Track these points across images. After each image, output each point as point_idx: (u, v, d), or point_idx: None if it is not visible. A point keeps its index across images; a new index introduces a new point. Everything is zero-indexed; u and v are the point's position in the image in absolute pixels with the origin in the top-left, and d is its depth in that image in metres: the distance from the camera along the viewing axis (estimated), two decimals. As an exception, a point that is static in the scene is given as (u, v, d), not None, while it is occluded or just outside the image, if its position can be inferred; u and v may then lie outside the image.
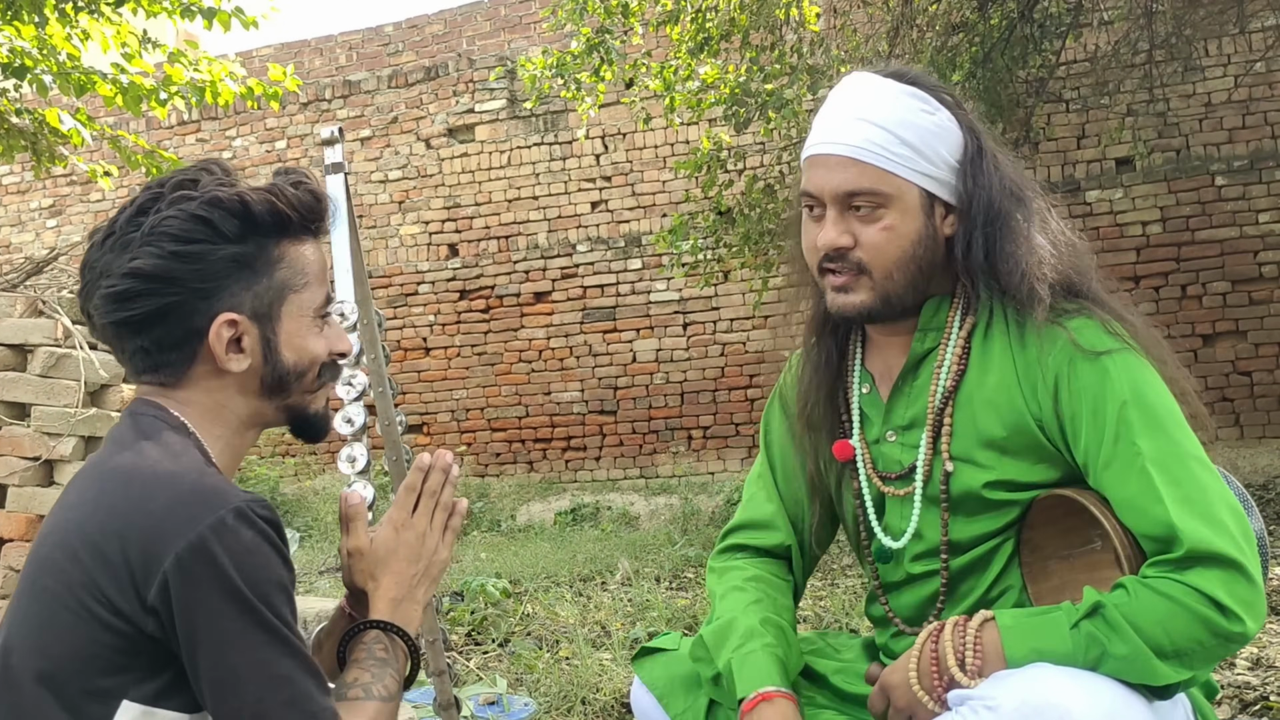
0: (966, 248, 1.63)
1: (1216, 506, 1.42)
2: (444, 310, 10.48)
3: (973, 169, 1.63)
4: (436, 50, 10.92)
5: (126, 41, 6.17)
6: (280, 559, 1.28)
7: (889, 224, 1.60)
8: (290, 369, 1.43)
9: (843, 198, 1.61)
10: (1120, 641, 1.36)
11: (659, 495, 9.35)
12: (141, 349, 1.39)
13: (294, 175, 1.44)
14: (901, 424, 1.69)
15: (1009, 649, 1.41)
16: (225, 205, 1.35)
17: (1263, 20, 8.06)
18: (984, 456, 1.59)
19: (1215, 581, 1.36)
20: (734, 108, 7.24)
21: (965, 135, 1.65)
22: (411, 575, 1.48)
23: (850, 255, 1.61)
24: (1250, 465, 7.94)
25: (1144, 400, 1.50)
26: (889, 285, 1.62)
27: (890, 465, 1.70)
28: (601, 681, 3.14)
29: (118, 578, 1.23)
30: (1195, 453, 1.47)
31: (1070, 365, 1.54)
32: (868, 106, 1.64)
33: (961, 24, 7.65)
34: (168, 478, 1.28)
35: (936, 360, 1.65)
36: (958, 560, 1.64)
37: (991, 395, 1.59)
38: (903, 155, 1.60)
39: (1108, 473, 1.49)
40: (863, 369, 1.77)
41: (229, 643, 1.22)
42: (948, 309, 1.67)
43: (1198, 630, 1.36)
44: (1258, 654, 3.40)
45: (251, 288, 1.38)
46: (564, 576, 5.96)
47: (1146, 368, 1.54)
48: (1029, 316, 1.59)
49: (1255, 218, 8.41)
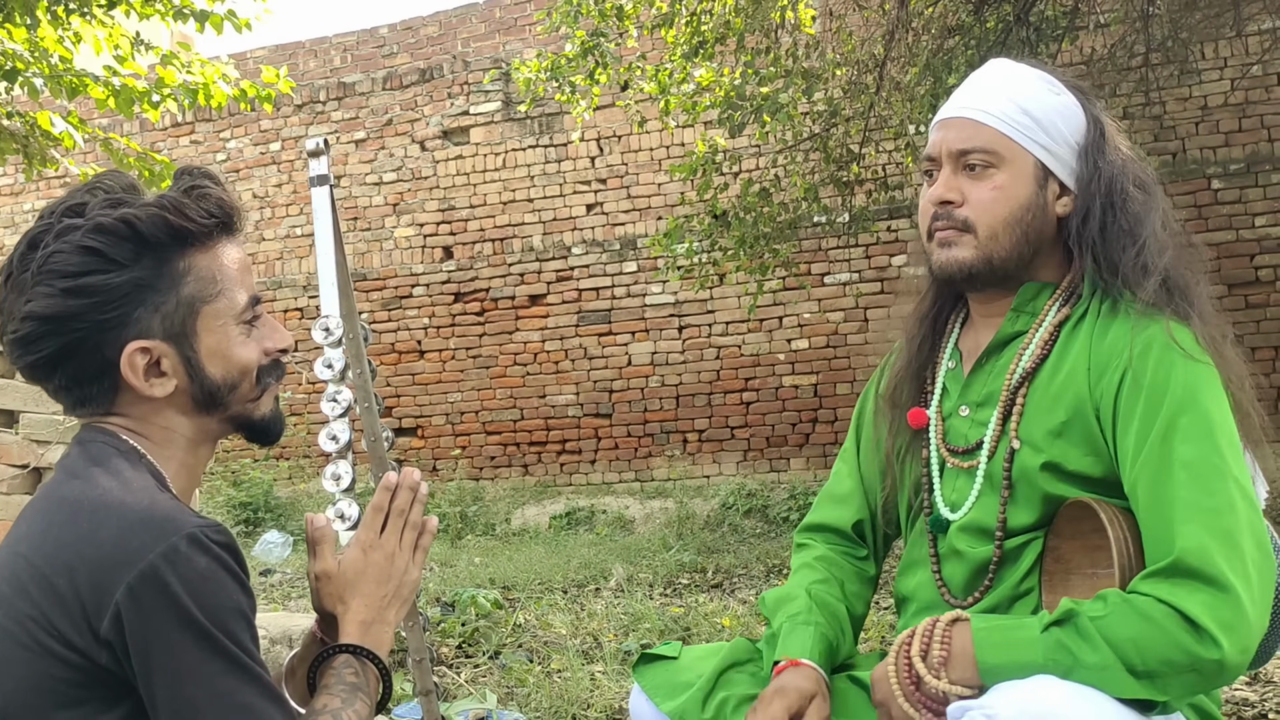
0: (1083, 220, 1.64)
1: (1237, 529, 1.39)
2: (438, 313, 10.45)
3: (1094, 151, 1.65)
4: (431, 52, 10.89)
5: (119, 44, 6.14)
6: (238, 585, 1.24)
7: (998, 184, 1.63)
8: (219, 383, 1.38)
9: (956, 155, 1.65)
10: (1091, 651, 1.35)
11: (654, 499, 9.33)
12: (62, 387, 1.35)
13: (190, 180, 1.37)
14: (976, 400, 1.70)
15: (979, 651, 1.41)
16: (111, 230, 1.29)
17: (1259, 23, 8.05)
18: (1045, 441, 1.58)
19: (1198, 602, 1.34)
20: (729, 111, 7.21)
21: (1089, 120, 1.67)
22: (381, 597, 1.44)
23: (956, 212, 1.64)
24: (1247, 470, 7.92)
25: (1201, 409, 1.47)
26: (993, 246, 1.63)
27: (957, 439, 1.71)
28: (593, 697, 3.11)
29: (69, 611, 1.19)
30: (1238, 475, 1.43)
31: (1144, 360, 1.52)
32: (996, 80, 1.69)
33: (957, 27, 7.63)
34: (117, 506, 1.24)
35: (1023, 343, 1.65)
36: (1009, 542, 1.62)
37: (1062, 383, 1.59)
38: (1022, 123, 1.63)
39: (1142, 471, 1.47)
40: (954, 347, 1.79)
41: (186, 673, 1.18)
42: (1048, 296, 1.67)
43: (1170, 651, 1.33)
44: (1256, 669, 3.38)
45: (159, 309, 1.32)
46: (558, 582, 5.94)
47: (1218, 385, 1.51)
48: (1127, 302, 1.58)
49: (1251, 221, 8.40)
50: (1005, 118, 1.63)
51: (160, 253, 1.32)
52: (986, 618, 1.46)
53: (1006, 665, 1.39)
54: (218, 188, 1.39)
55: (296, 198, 10.96)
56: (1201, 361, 1.51)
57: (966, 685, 1.41)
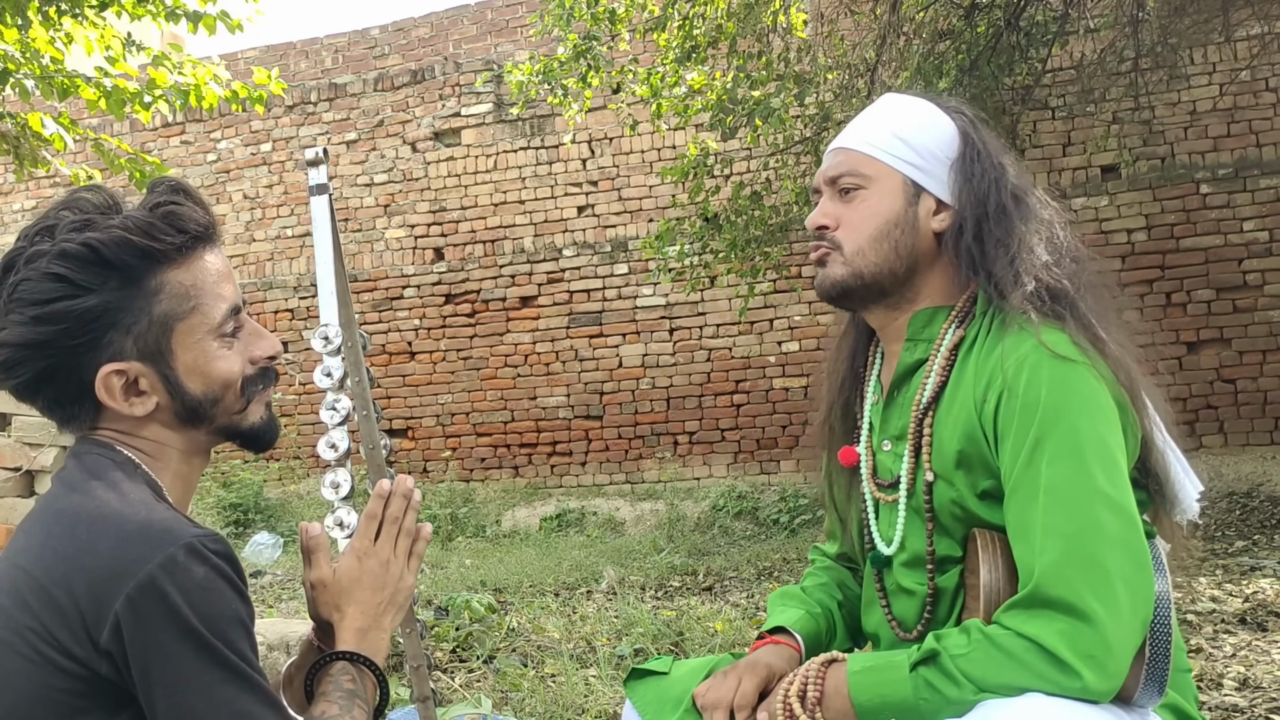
0: (957, 232, 1.65)
1: (1101, 549, 1.37)
2: (429, 314, 10.45)
3: (967, 164, 1.67)
4: (423, 54, 10.89)
5: (110, 45, 6.13)
6: (236, 594, 1.25)
7: (865, 202, 1.68)
8: (201, 398, 1.38)
9: (830, 182, 1.73)
10: (955, 689, 1.37)
11: (644, 501, 9.34)
12: (45, 407, 1.36)
13: (158, 197, 1.36)
14: (894, 433, 1.70)
15: (854, 692, 1.44)
16: (75, 256, 1.28)
17: (1248, 29, 8.09)
18: (950, 473, 1.59)
19: (1056, 634, 1.33)
20: (721, 114, 7.22)
21: (962, 136, 1.69)
22: (377, 604, 1.46)
23: (828, 234, 1.71)
24: (1234, 473, 7.97)
25: (1069, 426, 1.45)
26: (859, 260, 1.67)
27: (884, 473, 1.72)
28: (587, 702, 3.12)
29: (68, 622, 1.20)
30: (1107, 490, 1.41)
31: (1017, 379, 1.50)
32: (876, 110, 1.76)
33: (948, 32, 7.66)
34: (115, 517, 1.25)
35: (925, 371, 1.66)
36: (941, 576, 1.63)
37: (957, 410, 1.59)
38: (889, 145, 1.68)
39: (1012, 498, 1.47)
40: (877, 380, 1.80)
41: (185, 682, 1.19)
42: (942, 320, 1.68)
43: (1033, 684, 1.33)
44: (1245, 674, 3.40)
45: (130, 330, 1.32)
46: (549, 585, 5.95)
47: (1096, 392, 1.48)
48: (1011, 314, 1.58)
49: (1240, 226, 8.44)
50: (874, 143, 1.69)
51: (128, 274, 1.31)
52: (863, 657, 1.48)
53: (880, 705, 1.42)
54: (188, 203, 1.37)
55: (287, 199, 10.95)
56: (1075, 363, 1.49)
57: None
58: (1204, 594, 4.72)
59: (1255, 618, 4.20)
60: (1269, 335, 8.34)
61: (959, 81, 7.48)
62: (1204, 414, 8.43)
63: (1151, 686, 1.42)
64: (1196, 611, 4.35)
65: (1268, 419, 8.31)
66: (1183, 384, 8.49)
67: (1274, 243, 8.36)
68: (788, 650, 1.69)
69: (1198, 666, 3.47)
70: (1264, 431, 8.31)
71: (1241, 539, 6.50)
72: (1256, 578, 5.10)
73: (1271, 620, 4.16)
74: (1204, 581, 5.04)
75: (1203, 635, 3.97)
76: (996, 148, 1.72)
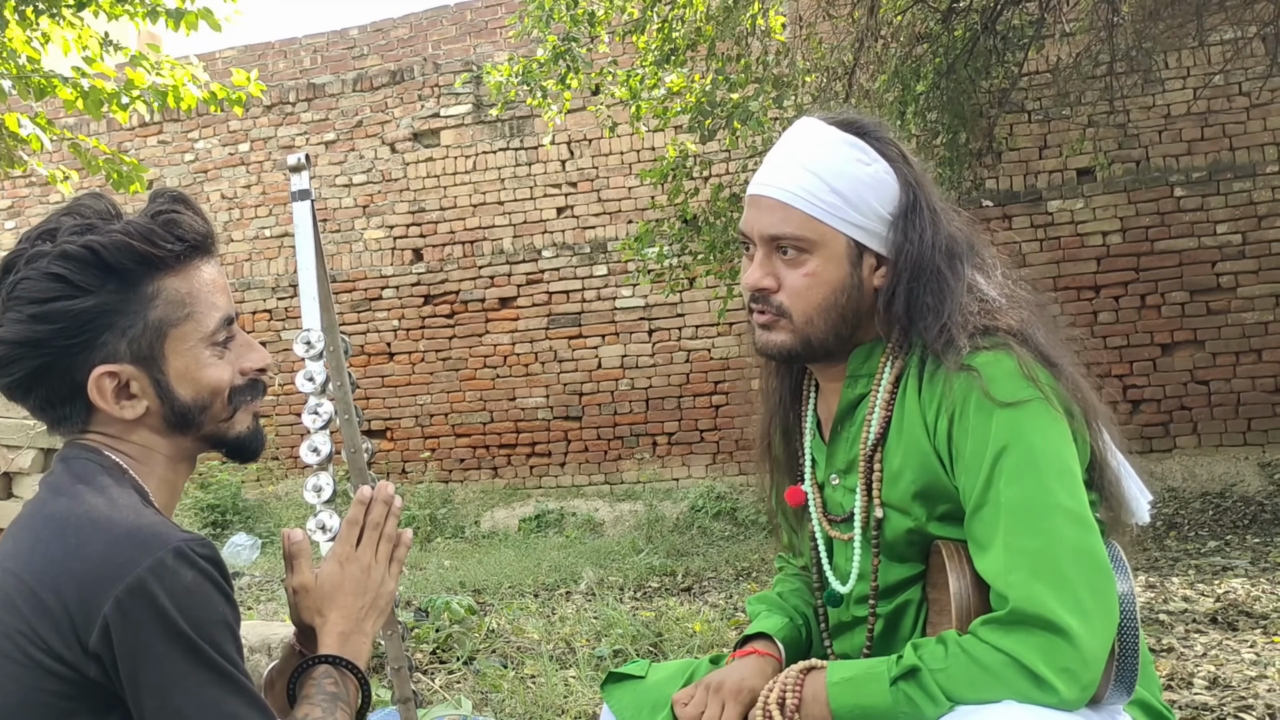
0: (890, 299, 1.63)
1: (1067, 562, 1.40)
2: (408, 315, 10.44)
3: (905, 223, 1.63)
4: (402, 54, 10.87)
5: (87, 45, 6.10)
6: (223, 597, 1.27)
7: (811, 270, 1.62)
8: (190, 404, 1.40)
9: (769, 240, 1.64)
10: (933, 706, 1.39)
11: (623, 501, 9.36)
12: (37, 407, 1.38)
13: (160, 205, 1.39)
14: (841, 468, 1.71)
15: (833, 700, 1.46)
16: (75, 258, 1.31)
17: (1221, 34, 8.17)
18: (907, 504, 1.60)
19: (1034, 649, 1.36)
20: (700, 117, 7.25)
21: (902, 188, 1.65)
22: (359, 608, 1.47)
23: (773, 298, 1.64)
24: (1207, 473, 8.05)
25: (1025, 444, 1.47)
26: (809, 330, 1.64)
27: (835, 509, 1.72)
28: (567, 703, 3.14)
29: (57, 625, 1.22)
30: (1068, 505, 1.44)
31: (965, 403, 1.53)
32: (805, 152, 1.65)
33: (925, 35, 7.71)
34: (104, 521, 1.26)
35: (869, 406, 1.66)
36: (886, 605, 1.66)
37: (907, 441, 1.60)
38: (831, 204, 1.61)
39: (975, 519, 1.49)
40: (814, 414, 1.79)
41: (173, 684, 1.21)
42: (880, 355, 1.67)
43: (1011, 697, 1.36)
44: (1215, 673, 3.44)
45: (125, 334, 1.35)
46: (528, 586, 5.96)
47: (1047, 415, 1.50)
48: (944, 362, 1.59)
49: (1213, 229, 8.52)
50: (814, 199, 1.61)
51: (126, 278, 1.34)
52: (843, 667, 1.49)
53: (858, 714, 1.44)
54: (188, 212, 1.40)
55: (265, 199, 10.92)
56: (1023, 401, 1.50)
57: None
58: (1176, 594, 4.77)
59: (1226, 617, 4.25)
60: (1242, 337, 8.42)
61: (936, 85, 7.54)
62: (1178, 415, 8.51)
63: (1121, 686, 1.46)
64: (1169, 611, 4.40)
65: (1240, 420, 8.39)
66: (1157, 385, 8.57)
67: (1247, 245, 8.45)
68: (771, 663, 1.68)
69: (1169, 666, 3.51)
70: (1237, 432, 8.39)
71: (1214, 539, 6.57)
72: (1228, 577, 5.16)
73: (1242, 620, 4.21)
74: (1176, 581, 5.10)
75: (1174, 635, 4.01)
76: (931, 190, 1.69)
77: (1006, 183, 8.92)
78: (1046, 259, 8.80)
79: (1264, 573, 5.27)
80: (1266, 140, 8.45)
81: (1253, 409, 8.37)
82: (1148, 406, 8.58)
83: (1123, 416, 8.57)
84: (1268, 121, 8.46)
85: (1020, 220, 8.87)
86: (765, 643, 1.74)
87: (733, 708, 1.58)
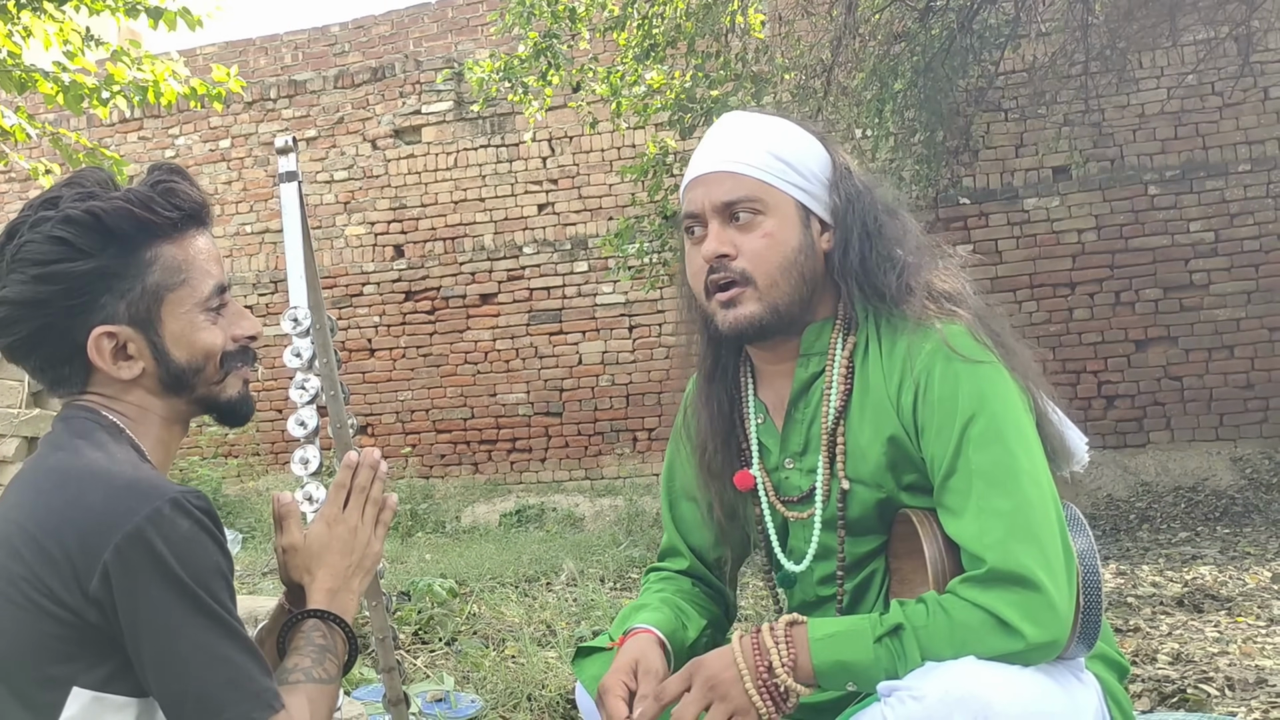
0: (843, 254, 1.68)
1: (1034, 523, 1.48)
2: (389, 311, 10.46)
3: (844, 185, 1.70)
4: (383, 51, 10.90)
5: (69, 39, 6.11)
6: (217, 547, 1.33)
7: (768, 230, 1.65)
8: (184, 366, 1.46)
9: (722, 208, 1.67)
10: (907, 663, 1.45)
11: (604, 496, 9.39)
12: (37, 368, 1.45)
13: (159, 175, 1.46)
14: (798, 450, 1.74)
15: (816, 656, 1.49)
16: (78, 222, 1.37)
17: (1194, 34, 8.28)
18: (876, 476, 1.65)
19: (1010, 603, 1.43)
20: (679, 113, 7.32)
21: (831, 156, 1.73)
22: (346, 567, 1.53)
23: (733, 264, 1.66)
24: (1180, 468, 8.15)
25: (990, 413, 1.54)
26: (775, 294, 1.66)
27: (791, 490, 1.75)
28: (547, 679, 3.19)
29: (59, 571, 1.27)
30: (1029, 469, 1.52)
31: (929, 374, 1.59)
32: (743, 130, 1.72)
33: (903, 34, 7.79)
34: (103, 473, 1.33)
35: (825, 383, 1.70)
36: (853, 580, 1.71)
37: (871, 413, 1.65)
38: (778, 169, 1.67)
39: (945, 484, 1.56)
40: (756, 400, 1.82)
41: (170, 628, 1.27)
42: (830, 332, 1.71)
43: (986, 650, 1.43)
44: (1179, 650, 3.52)
45: (124, 296, 1.41)
46: (509, 577, 5.99)
47: (1005, 381, 1.59)
48: (901, 319, 1.65)
49: (1187, 226, 8.63)
50: (762, 166, 1.66)
51: (126, 243, 1.41)
52: (825, 623, 1.53)
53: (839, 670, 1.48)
54: (185, 182, 1.48)
55: (246, 195, 10.92)
56: (984, 361, 1.58)
57: (806, 685, 1.50)
58: (1146, 580, 4.86)
59: (1193, 600, 4.34)
60: (1214, 334, 8.53)
61: (914, 83, 7.62)
62: (1151, 410, 8.62)
63: (1084, 640, 1.53)
64: (1137, 595, 4.49)
65: (1213, 415, 8.51)
66: (1131, 381, 8.67)
67: (1220, 243, 8.56)
68: (647, 637, 1.67)
69: (1134, 644, 3.59)
70: (1209, 428, 8.51)
71: (1185, 530, 6.67)
72: (1197, 565, 5.25)
73: (1208, 602, 4.29)
74: (1146, 569, 5.19)
75: (1141, 616, 4.10)
76: (853, 163, 1.76)
77: (983, 181, 9.02)
78: (1023, 256, 8.89)
79: (1232, 560, 5.37)
80: (1239, 139, 8.57)
81: (1225, 404, 8.48)
82: (1122, 402, 8.69)
83: (1097, 412, 8.68)
84: (1240, 121, 8.58)
85: (997, 218, 8.97)
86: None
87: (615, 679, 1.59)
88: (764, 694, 1.49)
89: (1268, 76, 8.49)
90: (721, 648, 1.56)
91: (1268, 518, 6.74)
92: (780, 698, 1.50)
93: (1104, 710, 1.59)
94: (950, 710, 1.38)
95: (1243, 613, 4.09)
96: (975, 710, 1.37)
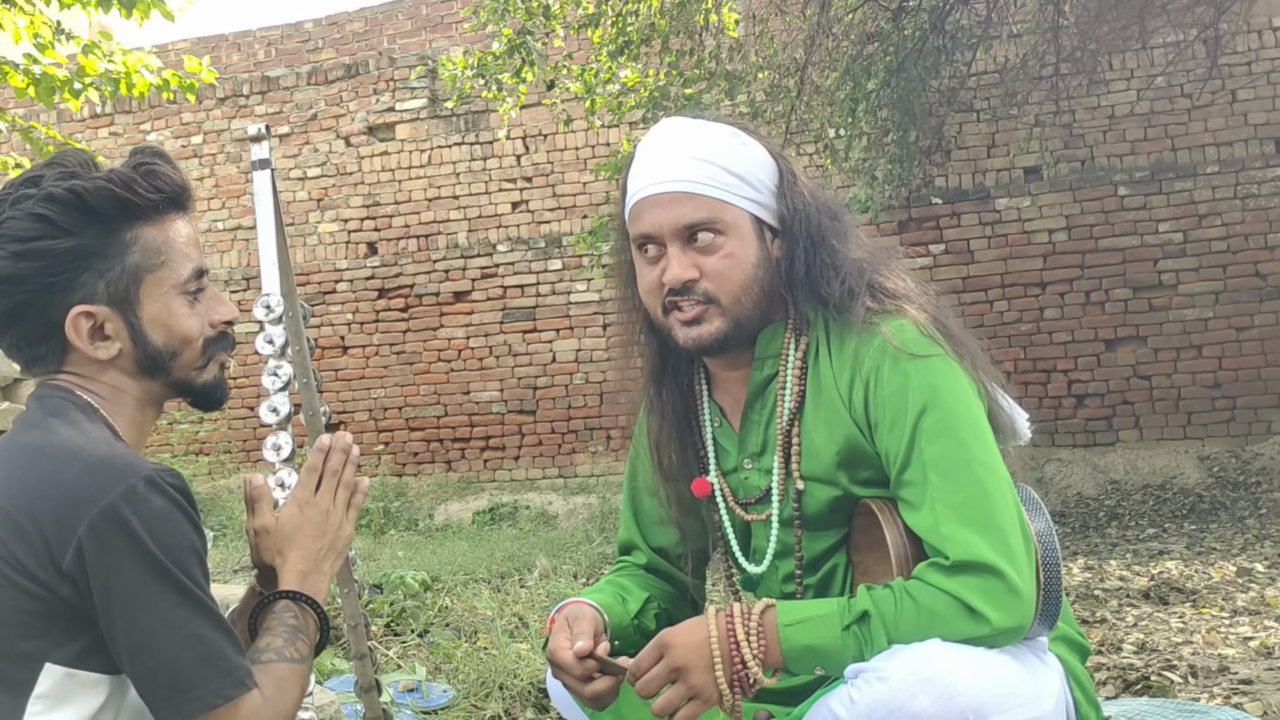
0: (790, 264, 1.70)
1: (991, 511, 1.51)
2: (362, 309, 10.43)
3: (790, 192, 1.72)
4: (357, 48, 10.87)
5: (39, 32, 6.07)
6: (191, 524, 1.34)
7: (729, 251, 1.67)
8: (161, 349, 1.47)
9: (682, 231, 1.67)
10: (873, 648, 1.48)
11: (577, 495, 9.40)
12: (14, 345, 1.46)
13: (141, 158, 1.47)
14: (756, 450, 1.76)
15: (785, 642, 1.51)
16: (60, 200, 1.39)
17: (1164, 36, 8.36)
18: (831, 473, 1.68)
19: (975, 590, 1.46)
20: (653, 111, 7.33)
21: (776, 162, 1.74)
22: (317, 549, 1.54)
23: (697, 287, 1.67)
24: (1149, 466, 8.23)
25: (941, 406, 1.58)
26: (738, 310, 1.68)
27: (749, 492, 1.78)
28: (519, 668, 3.20)
29: (33, 547, 1.28)
30: (983, 458, 1.55)
31: (878, 371, 1.62)
32: (688, 144, 1.71)
33: (876, 34, 7.84)
34: (77, 451, 1.33)
35: (779, 384, 1.72)
36: (812, 578, 1.74)
37: (825, 412, 1.68)
38: (733, 184, 1.68)
39: (901, 478, 1.59)
40: (712, 403, 1.84)
41: (143, 605, 1.28)
42: (783, 335, 1.74)
43: (953, 635, 1.46)
44: (1144, 640, 3.57)
45: (104, 276, 1.42)
46: (482, 573, 6.00)
47: (954, 372, 1.62)
48: (848, 320, 1.67)
49: (1156, 227, 8.71)
50: (718, 183, 1.67)
51: (107, 223, 1.42)
52: (793, 608, 1.55)
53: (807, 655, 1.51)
54: (167, 165, 1.49)
55: (219, 191, 10.87)
56: (932, 355, 1.61)
57: (775, 669, 1.53)
58: (1113, 574, 4.91)
59: (1158, 593, 4.39)
60: (1183, 333, 8.62)
61: (886, 83, 7.67)
62: (1120, 409, 8.69)
63: (1045, 620, 1.56)
64: (1104, 588, 4.53)
65: (1181, 414, 8.59)
66: (1101, 380, 8.75)
67: (1188, 244, 8.64)
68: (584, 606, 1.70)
69: (1100, 634, 3.63)
70: (1177, 426, 8.59)
71: (1153, 526, 6.74)
72: (1164, 560, 5.31)
73: (1174, 595, 4.35)
74: (1114, 564, 5.24)
75: (1108, 608, 4.14)
76: (794, 163, 1.78)
77: (955, 180, 9.07)
78: (994, 256, 8.95)
79: (1198, 556, 5.43)
80: (1207, 141, 8.65)
81: (1192, 404, 8.57)
82: (1092, 401, 8.76)
83: (1067, 411, 8.75)
84: (1208, 123, 8.66)
85: (969, 218, 9.02)
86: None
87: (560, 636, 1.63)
88: (734, 685, 1.51)
89: (1235, 79, 8.58)
90: (694, 622, 1.58)
91: (1234, 515, 6.82)
92: (748, 686, 1.52)
93: (1066, 690, 1.62)
94: (915, 691, 1.40)
95: (1207, 605, 4.15)
96: (940, 690, 1.40)
